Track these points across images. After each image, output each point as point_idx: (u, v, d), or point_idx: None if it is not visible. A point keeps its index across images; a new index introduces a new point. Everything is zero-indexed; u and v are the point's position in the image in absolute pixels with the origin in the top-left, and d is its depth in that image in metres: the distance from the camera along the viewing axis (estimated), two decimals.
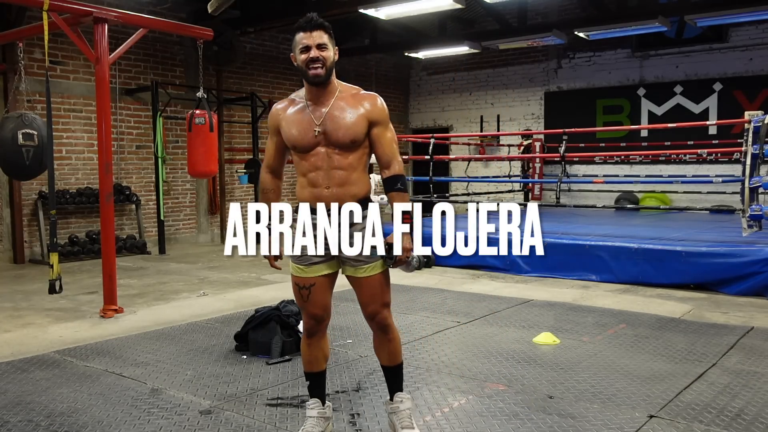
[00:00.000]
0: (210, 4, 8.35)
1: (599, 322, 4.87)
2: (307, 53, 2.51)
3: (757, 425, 2.89)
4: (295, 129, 2.58)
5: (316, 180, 2.58)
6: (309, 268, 2.65)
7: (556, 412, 3.07)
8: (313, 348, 2.78)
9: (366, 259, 2.60)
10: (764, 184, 6.39)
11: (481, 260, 7.39)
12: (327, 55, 2.53)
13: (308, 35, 2.51)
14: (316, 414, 2.78)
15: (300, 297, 2.71)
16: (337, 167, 2.57)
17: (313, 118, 2.56)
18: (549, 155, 11.54)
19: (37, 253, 8.68)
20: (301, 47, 2.53)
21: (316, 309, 2.70)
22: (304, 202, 2.61)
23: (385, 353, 2.78)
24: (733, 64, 10.75)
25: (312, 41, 2.51)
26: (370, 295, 2.66)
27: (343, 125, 2.55)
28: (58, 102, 8.67)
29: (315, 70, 2.50)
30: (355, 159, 2.59)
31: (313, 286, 2.66)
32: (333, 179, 2.56)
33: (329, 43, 2.55)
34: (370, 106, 2.59)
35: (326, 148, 2.56)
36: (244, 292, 6.27)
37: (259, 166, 10.39)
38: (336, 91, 2.61)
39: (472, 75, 13.49)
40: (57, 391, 3.45)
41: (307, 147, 2.57)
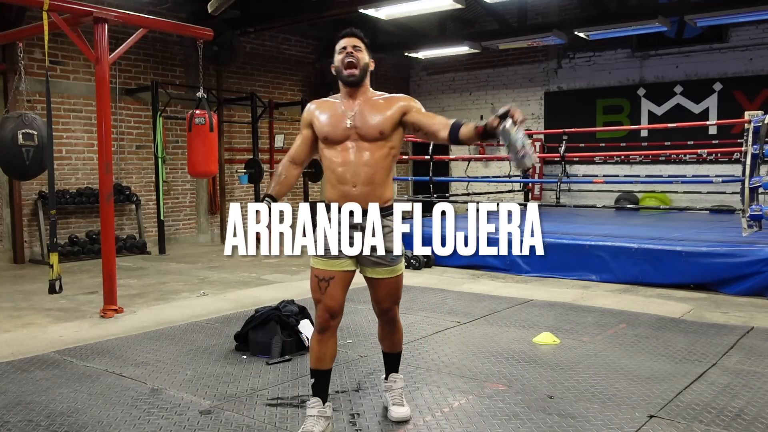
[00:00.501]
0: (210, 4, 8.36)
1: (599, 322, 4.87)
2: (343, 53, 2.75)
3: (757, 425, 2.89)
4: (328, 120, 2.78)
5: (344, 176, 2.73)
6: (331, 261, 2.73)
7: (556, 412, 3.07)
8: (323, 345, 2.82)
9: (387, 262, 2.79)
10: (764, 184, 6.39)
11: (481, 260, 7.39)
12: (361, 56, 2.76)
13: (345, 40, 2.78)
14: (316, 413, 2.80)
15: (318, 289, 2.77)
16: (365, 163, 2.72)
17: (346, 112, 2.77)
18: (549, 155, 11.54)
19: (37, 253, 8.68)
20: (339, 50, 2.78)
21: (333, 303, 2.76)
22: (333, 202, 2.75)
23: (389, 342, 3.07)
24: (733, 64, 10.74)
25: (348, 43, 2.77)
26: (386, 294, 2.88)
27: (373, 118, 2.74)
28: (58, 102, 8.67)
29: (350, 69, 2.74)
30: (381, 158, 2.75)
31: (332, 279, 2.74)
32: (359, 177, 2.71)
33: (364, 50, 2.80)
34: (399, 100, 2.80)
35: (357, 142, 2.73)
36: (244, 292, 6.27)
37: (259, 166, 10.40)
38: (367, 93, 2.83)
39: (472, 75, 13.49)
40: (57, 391, 3.45)
41: (338, 138, 2.75)
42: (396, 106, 2.77)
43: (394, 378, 3.10)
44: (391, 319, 2.98)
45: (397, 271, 2.85)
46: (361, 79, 2.77)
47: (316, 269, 2.78)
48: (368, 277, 2.84)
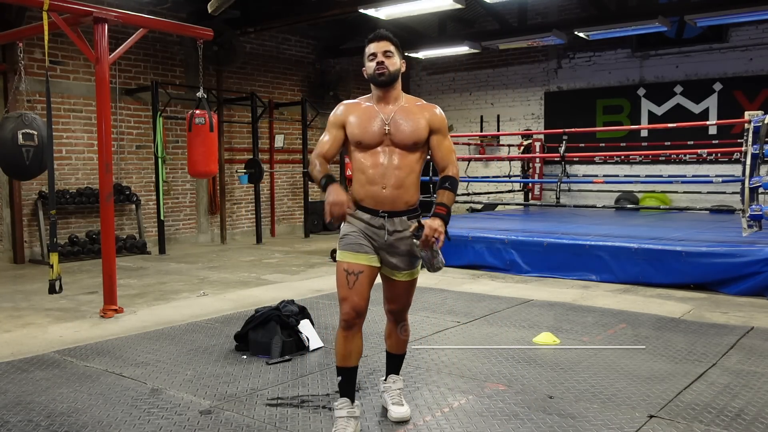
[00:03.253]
0: (210, 4, 8.35)
1: (599, 322, 4.87)
2: (374, 60, 2.77)
3: (757, 425, 2.89)
4: (362, 125, 2.79)
5: (374, 178, 2.75)
6: (361, 255, 2.76)
7: (556, 412, 3.07)
8: (349, 342, 2.79)
9: (407, 265, 2.85)
10: (764, 184, 6.39)
11: (481, 260, 7.40)
12: (392, 62, 2.78)
13: (376, 45, 2.78)
14: (346, 414, 2.78)
15: (346, 284, 2.76)
16: (397, 167, 2.76)
17: (382, 116, 2.79)
18: (549, 155, 11.54)
19: (37, 253, 8.68)
20: (369, 55, 2.80)
21: (360, 299, 2.75)
22: (359, 202, 2.80)
23: (395, 343, 3.07)
24: (733, 64, 10.74)
25: (378, 49, 2.77)
26: (398, 296, 2.93)
27: (408, 127, 2.77)
28: (58, 102, 8.67)
29: (381, 70, 2.75)
30: (413, 162, 2.80)
31: (361, 273, 2.75)
32: (390, 179, 2.75)
33: (395, 52, 2.80)
34: (431, 115, 2.84)
35: (390, 147, 2.77)
36: (244, 292, 6.27)
37: (259, 166, 10.40)
38: (401, 99, 2.86)
39: (472, 75, 13.49)
40: (57, 391, 3.45)
41: (372, 143, 2.78)
42: (428, 120, 2.81)
43: (393, 378, 3.11)
44: (401, 321, 3.02)
45: (414, 274, 2.91)
46: (392, 80, 2.79)
47: (344, 263, 2.77)
48: (386, 276, 2.88)
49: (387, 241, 2.77)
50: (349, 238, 2.79)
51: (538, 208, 11.64)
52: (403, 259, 2.82)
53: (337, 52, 12.35)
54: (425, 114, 2.82)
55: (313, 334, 4.24)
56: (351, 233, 2.79)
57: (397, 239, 2.78)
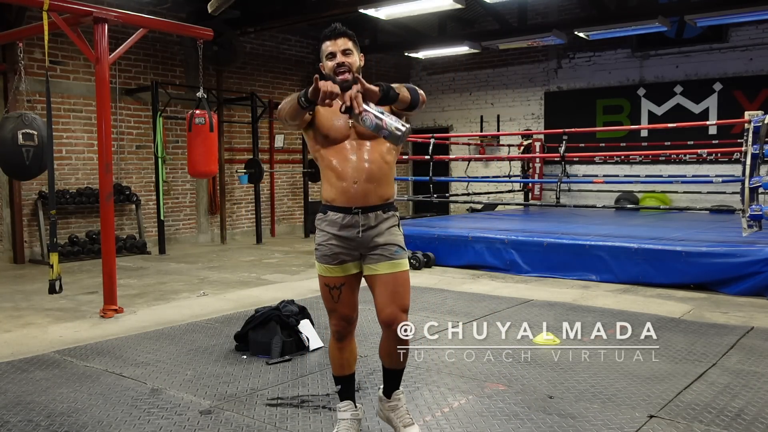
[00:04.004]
0: (210, 4, 8.35)
1: (599, 322, 4.86)
2: (333, 59, 2.64)
3: (757, 425, 2.89)
4: (330, 119, 2.65)
5: (344, 173, 2.60)
6: (339, 267, 2.65)
7: (556, 412, 3.07)
8: (344, 351, 2.76)
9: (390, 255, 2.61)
10: (764, 184, 6.39)
11: (481, 260, 7.40)
12: (352, 60, 2.65)
13: (333, 43, 2.64)
14: (349, 416, 2.77)
15: (330, 298, 2.69)
16: (367, 160, 2.61)
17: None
18: (549, 155, 11.54)
19: (37, 253, 8.68)
20: (327, 54, 2.66)
21: (347, 309, 2.69)
22: (330, 203, 2.64)
23: (395, 358, 2.70)
24: (733, 64, 10.74)
25: (337, 48, 2.64)
26: (390, 295, 2.60)
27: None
28: (58, 102, 8.67)
29: (342, 75, 2.62)
30: (383, 153, 2.64)
31: (343, 286, 2.66)
32: (361, 174, 2.59)
33: (354, 49, 2.67)
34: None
35: (357, 141, 2.63)
36: (244, 292, 6.27)
37: (259, 166, 10.40)
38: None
39: (472, 75, 13.49)
40: (57, 391, 3.45)
41: (338, 138, 2.63)
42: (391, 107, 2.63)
43: (398, 396, 2.81)
44: (397, 337, 2.63)
45: (401, 265, 2.63)
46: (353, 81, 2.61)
47: (325, 278, 2.68)
48: (370, 275, 2.64)
49: (362, 238, 2.58)
50: (323, 249, 2.66)
51: (538, 208, 11.64)
52: (384, 249, 2.60)
53: None
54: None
55: (313, 334, 4.24)
56: (324, 243, 2.66)
57: (373, 234, 2.59)
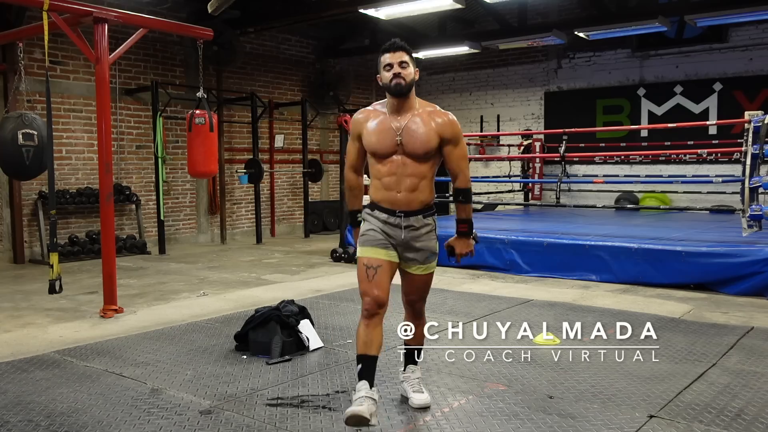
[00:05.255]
0: (210, 4, 8.35)
1: (599, 322, 4.85)
2: (390, 70, 2.90)
3: (757, 425, 2.89)
4: (376, 136, 2.94)
5: (389, 184, 2.94)
6: (380, 250, 2.94)
7: (556, 412, 3.07)
8: (371, 329, 2.88)
9: (423, 260, 3.01)
10: (764, 184, 6.39)
11: (481, 260, 7.39)
12: (407, 72, 2.90)
13: (392, 55, 2.90)
14: (364, 394, 2.77)
15: (366, 277, 2.91)
16: (410, 174, 2.93)
17: (393, 128, 2.93)
18: (549, 155, 11.54)
19: (37, 253, 8.68)
20: (385, 66, 2.92)
21: (380, 290, 2.89)
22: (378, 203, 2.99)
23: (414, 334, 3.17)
24: (733, 64, 10.74)
25: (395, 60, 2.90)
26: (415, 289, 3.10)
27: (419, 138, 2.90)
28: (58, 102, 8.67)
29: (397, 80, 2.88)
30: (426, 168, 2.95)
31: (380, 267, 2.91)
32: (404, 185, 2.93)
33: (410, 62, 2.93)
34: (442, 123, 2.94)
35: (402, 156, 2.92)
36: (244, 292, 6.27)
37: (259, 166, 10.40)
38: (414, 108, 2.96)
39: (472, 75, 13.48)
40: (57, 391, 3.45)
41: (386, 153, 2.94)
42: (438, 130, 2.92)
43: (412, 369, 3.23)
44: (418, 312, 3.17)
45: (430, 268, 3.06)
46: (408, 90, 2.91)
47: (364, 258, 2.94)
48: (403, 270, 3.04)
49: (404, 238, 2.95)
50: (369, 235, 2.96)
51: (538, 208, 11.64)
52: (419, 254, 2.99)
53: (337, 52, 12.35)
54: (436, 124, 2.92)
55: (313, 334, 4.24)
56: (370, 230, 2.97)
57: (413, 237, 2.96)
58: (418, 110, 2.96)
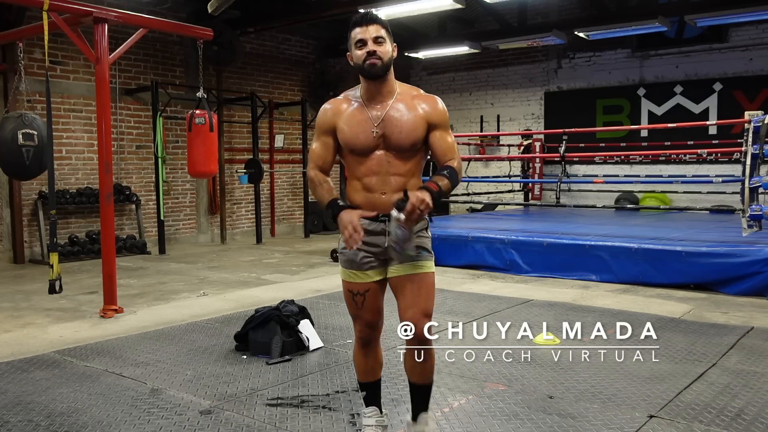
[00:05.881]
0: (210, 4, 8.35)
1: (599, 322, 4.85)
2: (363, 48, 2.41)
3: (757, 425, 2.89)
4: (352, 129, 2.45)
5: (371, 185, 2.46)
6: (363, 274, 2.52)
7: (556, 412, 3.07)
8: (369, 357, 2.66)
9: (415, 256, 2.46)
10: (764, 184, 6.39)
11: (481, 260, 7.39)
12: (384, 49, 2.41)
13: (364, 29, 2.42)
14: (374, 423, 2.69)
15: (354, 304, 2.57)
16: (395, 173, 2.45)
17: (371, 118, 2.45)
18: (549, 155, 11.53)
19: (37, 253, 8.68)
20: (356, 42, 2.43)
21: (371, 315, 2.58)
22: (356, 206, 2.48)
23: (418, 369, 2.56)
24: (733, 64, 10.74)
25: (368, 35, 2.41)
26: (413, 298, 2.46)
27: (404, 128, 2.43)
28: (58, 102, 8.67)
29: (372, 60, 2.38)
30: (414, 164, 2.49)
31: (368, 292, 2.54)
32: (389, 185, 2.45)
33: (387, 37, 2.44)
34: (430, 107, 2.48)
35: (384, 152, 2.45)
36: (244, 292, 6.27)
37: (259, 166, 10.40)
38: (395, 92, 2.49)
39: (472, 75, 13.48)
40: (57, 391, 3.45)
41: (365, 149, 2.45)
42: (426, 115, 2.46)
43: (425, 419, 2.63)
44: (421, 338, 2.48)
45: (424, 267, 2.49)
46: (385, 71, 2.42)
47: (349, 283, 2.56)
48: (394, 278, 2.51)
49: (388, 245, 2.45)
50: (348, 253, 2.51)
51: (538, 208, 11.64)
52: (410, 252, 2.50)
53: (337, 52, 12.34)
54: (422, 108, 2.46)
55: (313, 334, 4.24)
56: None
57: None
58: (400, 95, 2.48)
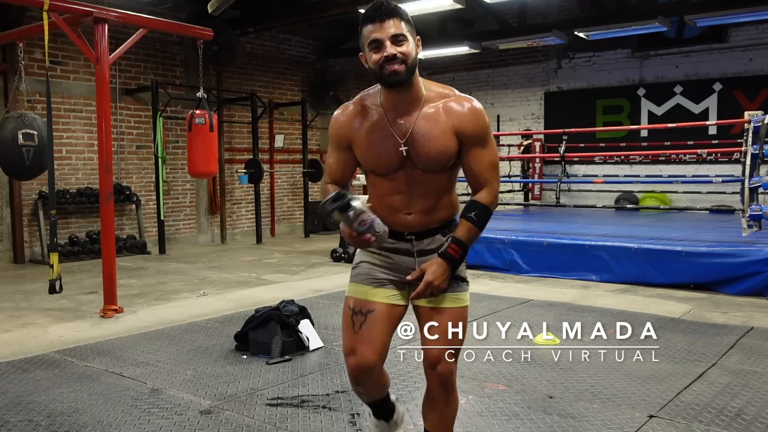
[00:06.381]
0: (210, 4, 8.35)
1: (599, 322, 4.86)
2: (379, 51, 1.92)
3: (757, 425, 2.89)
4: (374, 149, 2.04)
5: (396, 204, 2.07)
6: (373, 289, 2.10)
7: (556, 412, 3.07)
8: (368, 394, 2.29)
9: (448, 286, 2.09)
10: (764, 184, 6.40)
11: (480, 260, 7.39)
12: (406, 49, 1.93)
13: (378, 27, 1.91)
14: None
15: (350, 326, 2.10)
16: (424, 193, 2.06)
17: (395, 133, 2.01)
18: (549, 155, 11.54)
19: (38, 253, 8.68)
20: (370, 42, 1.94)
21: (369, 349, 2.06)
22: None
23: (437, 417, 2.26)
24: (733, 64, 10.74)
25: (384, 33, 1.91)
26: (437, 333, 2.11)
27: (432, 147, 1.99)
28: (58, 102, 8.67)
29: (392, 67, 1.92)
30: (445, 180, 2.09)
31: (372, 314, 2.07)
32: (417, 206, 2.07)
33: (408, 34, 1.96)
34: (462, 115, 2.01)
35: (412, 170, 2.04)
36: (244, 292, 6.27)
37: (259, 166, 10.40)
38: (422, 97, 2.03)
39: (472, 75, 13.48)
40: (57, 391, 3.45)
41: (389, 170, 2.06)
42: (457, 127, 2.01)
43: None
44: (445, 380, 2.17)
45: (458, 300, 2.11)
46: (409, 78, 1.96)
47: (351, 299, 2.13)
48: (420, 306, 2.13)
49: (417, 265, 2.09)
50: (363, 267, 2.14)
51: (538, 208, 11.64)
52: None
53: (337, 52, 12.35)
54: (453, 118, 2.00)
55: (313, 334, 4.24)
56: (365, 261, 2.15)
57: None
58: (429, 100, 2.03)
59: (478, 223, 2.05)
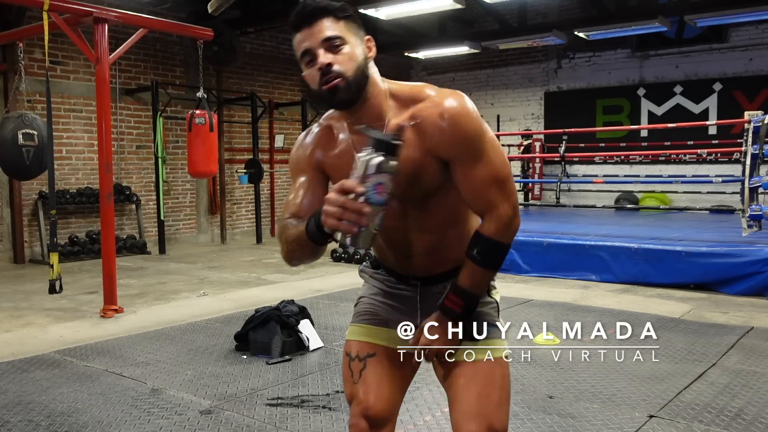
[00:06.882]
0: (210, 4, 8.35)
1: (599, 321, 4.86)
2: (313, 63, 1.48)
3: (757, 425, 2.90)
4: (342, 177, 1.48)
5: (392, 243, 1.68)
6: (375, 330, 1.71)
7: (556, 412, 3.07)
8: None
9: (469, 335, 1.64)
10: (764, 184, 6.40)
11: None
12: (345, 56, 1.46)
13: (307, 33, 1.47)
14: None
15: (349, 374, 1.69)
16: (420, 228, 1.62)
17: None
18: (549, 155, 11.54)
19: (38, 253, 8.68)
20: (303, 56, 1.50)
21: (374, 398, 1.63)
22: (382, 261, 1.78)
23: None
24: (733, 64, 10.74)
25: (313, 41, 1.46)
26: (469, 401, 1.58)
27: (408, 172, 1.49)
28: (58, 102, 8.67)
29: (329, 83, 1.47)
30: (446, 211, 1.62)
31: (372, 357, 1.66)
32: (416, 245, 1.65)
33: (345, 33, 1.47)
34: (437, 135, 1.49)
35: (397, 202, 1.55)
36: (244, 292, 6.27)
37: (259, 166, 10.40)
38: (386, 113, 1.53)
39: (472, 75, 13.49)
40: (57, 391, 3.45)
41: None
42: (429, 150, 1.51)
43: None
44: None
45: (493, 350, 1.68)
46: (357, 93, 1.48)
47: (349, 342, 1.73)
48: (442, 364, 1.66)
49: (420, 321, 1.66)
50: (363, 304, 1.77)
51: (538, 208, 11.64)
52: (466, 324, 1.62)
53: None
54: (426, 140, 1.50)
55: (313, 334, 4.24)
56: (368, 296, 1.77)
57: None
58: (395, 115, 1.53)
59: (484, 263, 1.59)
